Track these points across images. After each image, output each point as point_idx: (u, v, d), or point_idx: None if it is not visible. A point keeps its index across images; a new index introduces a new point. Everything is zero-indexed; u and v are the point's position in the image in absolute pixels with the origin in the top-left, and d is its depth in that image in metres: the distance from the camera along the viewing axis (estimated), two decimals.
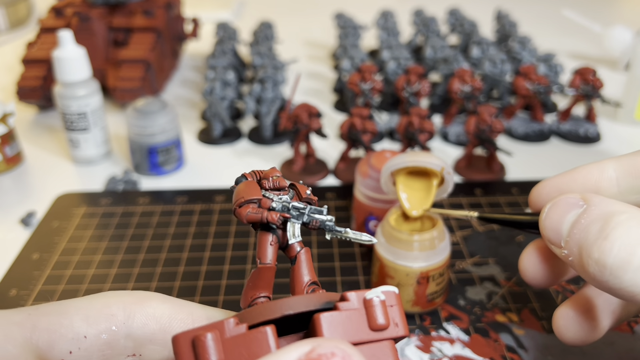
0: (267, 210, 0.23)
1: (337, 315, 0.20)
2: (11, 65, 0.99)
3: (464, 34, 0.95)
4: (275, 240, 0.23)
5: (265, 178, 0.24)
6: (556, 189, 0.32)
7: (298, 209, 0.23)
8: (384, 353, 0.20)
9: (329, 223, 0.24)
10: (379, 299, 0.20)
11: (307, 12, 1.29)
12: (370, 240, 0.24)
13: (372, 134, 0.61)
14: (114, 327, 0.23)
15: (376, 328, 0.20)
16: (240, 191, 0.23)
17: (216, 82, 0.73)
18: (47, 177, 0.67)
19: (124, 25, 0.83)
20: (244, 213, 0.22)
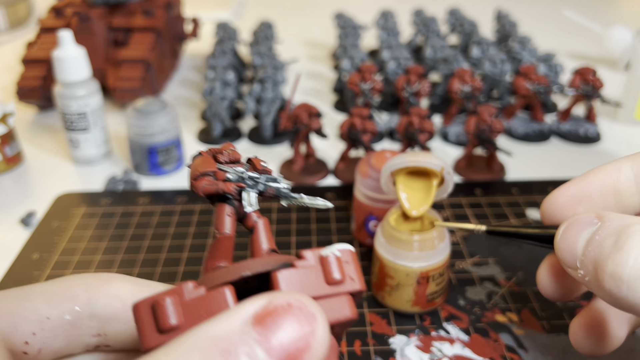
0: (222, 181, 0.23)
1: (294, 272, 0.20)
2: (11, 65, 0.99)
3: (464, 34, 0.95)
4: (232, 211, 0.23)
5: (220, 152, 0.24)
6: (573, 197, 0.31)
7: (253, 178, 0.24)
8: (341, 306, 0.21)
9: (284, 190, 0.24)
10: (334, 255, 0.21)
11: (307, 12, 1.29)
12: (325, 204, 0.25)
13: (372, 134, 0.61)
14: (77, 307, 0.23)
15: (332, 282, 0.21)
16: (195, 165, 0.24)
17: (216, 82, 0.73)
18: (47, 177, 0.67)
19: (124, 25, 0.83)
20: (200, 186, 0.23)
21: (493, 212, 0.58)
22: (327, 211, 0.59)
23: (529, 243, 0.32)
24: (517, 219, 0.57)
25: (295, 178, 0.64)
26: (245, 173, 0.24)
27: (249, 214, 0.24)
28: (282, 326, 0.17)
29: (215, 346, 0.16)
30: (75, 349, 0.24)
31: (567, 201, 0.31)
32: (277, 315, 0.17)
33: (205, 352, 0.16)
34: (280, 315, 0.17)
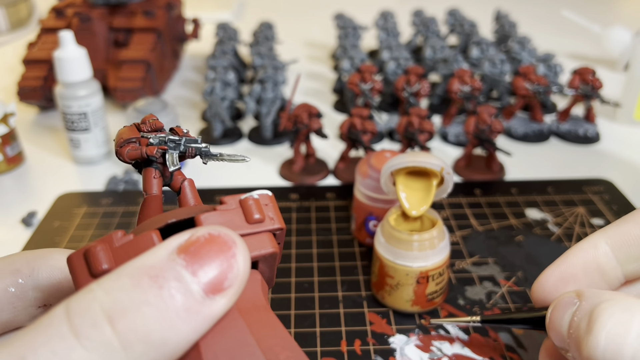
0: (145, 146, 0.25)
1: (216, 214, 0.22)
2: (12, 66, 0.99)
3: (463, 35, 0.95)
4: (158, 174, 0.25)
5: (143, 122, 0.25)
6: (559, 279, 0.32)
7: (174, 140, 0.25)
8: (263, 242, 0.22)
9: (204, 149, 0.26)
10: (252, 198, 0.23)
11: (307, 13, 1.29)
12: (243, 159, 0.26)
13: (372, 134, 0.61)
14: (20, 280, 0.24)
15: (253, 222, 0.22)
16: (119, 135, 0.25)
17: (216, 83, 0.73)
18: (47, 177, 0.67)
19: (124, 25, 0.83)
20: (124, 152, 0.24)
21: (492, 212, 0.58)
22: (327, 211, 0.59)
23: (524, 328, 0.33)
24: (517, 219, 0.57)
25: (296, 178, 0.65)
26: (167, 137, 0.25)
27: (175, 177, 0.26)
28: (205, 252, 0.18)
29: (145, 272, 0.18)
30: (22, 321, 0.25)
31: (554, 283, 0.32)
32: (199, 244, 0.18)
33: (135, 278, 0.17)
34: (202, 244, 0.18)
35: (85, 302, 0.17)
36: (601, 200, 0.60)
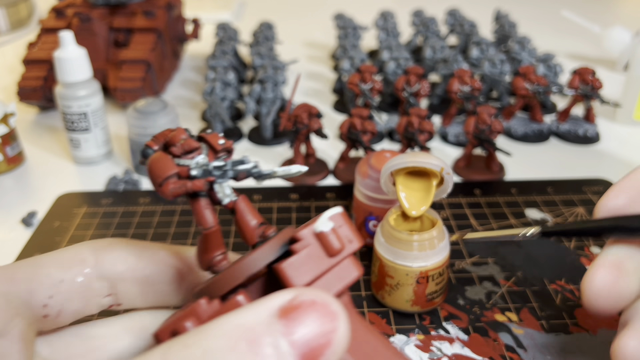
0: (188, 179, 0.22)
1: (296, 259, 0.21)
2: (12, 66, 0.99)
3: (463, 35, 0.95)
4: (207, 202, 0.23)
5: (172, 144, 0.23)
6: (626, 197, 0.31)
7: (219, 167, 0.22)
8: (348, 270, 0.21)
9: (255, 170, 0.23)
10: (328, 227, 0.21)
11: (307, 13, 1.30)
12: (299, 170, 0.24)
13: (372, 134, 0.61)
14: (87, 270, 0.25)
15: (334, 253, 0.21)
16: (154, 169, 0.22)
17: (216, 83, 0.73)
18: (48, 177, 0.67)
19: (124, 25, 0.83)
20: (167, 191, 0.22)
21: (492, 212, 0.58)
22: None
23: (585, 238, 0.32)
24: (516, 219, 0.57)
25: (295, 178, 0.65)
26: (209, 164, 0.22)
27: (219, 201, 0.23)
28: (306, 321, 0.17)
29: (242, 334, 0.17)
30: (91, 310, 0.26)
31: (621, 201, 0.31)
32: (301, 311, 0.17)
33: (232, 340, 0.17)
34: (305, 311, 0.17)
35: (182, 357, 0.17)
36: None
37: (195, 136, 0.23)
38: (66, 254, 0.25)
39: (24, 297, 0.23)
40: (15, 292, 0.23)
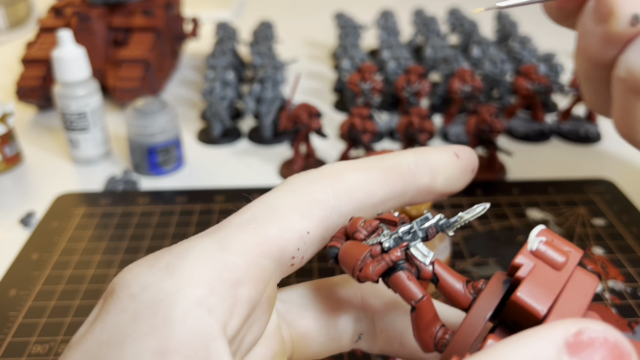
0: (384, 254, 0.21)
1: (528, 284, 0.19)
2: (11, 65, 0.99)
3: (464, 34, 0.95)
4: (408, 274, 0.21)
5: (355, 231, 0.22)
6: None
7: (408, 231, 0.22)
8: (584, 282, 0.20)
9: (442, 221, 0.22)
10: (542, 242, 0.20)
11: (307, 12, 1.29)
12: (484, 207, 0.23)
13: (372, 134, 0.61)
14: (327, 213, 0.23)
15: (561, 267, 0.20)
16: (348, 258, 0.21)
17: (216, 82, 0.73)
18: (46, 177, 0.67)
19: (123, 25, 0.83)
20: (369, 273, 0.21)
21: (493, 212, 0.58)
22: None
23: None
24: (518, 219, 0.56)
25: None
26: (397, 231, 0.21)
27: (421, 267, 0.22)
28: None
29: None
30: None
31: None
32: (593, 349, 0.16)
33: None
34: (597, 350, 0.16)
35: None
36: (602, 201, 0.59)
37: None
38: (302, 198, 0.23)
39: (276, 255, 0.21)
40: (269, 251, 0.21)
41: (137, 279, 0.19)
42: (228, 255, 0.20)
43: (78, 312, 0.47)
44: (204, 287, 0.19)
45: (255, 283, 0.20)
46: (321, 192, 0.23)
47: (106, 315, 0.19)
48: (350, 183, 0.24)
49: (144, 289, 0.19)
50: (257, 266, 0.21)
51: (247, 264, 0.20)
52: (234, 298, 0.19)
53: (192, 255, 0.20)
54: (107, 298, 0.19)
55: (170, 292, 0.18)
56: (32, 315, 0.46)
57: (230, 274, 0.19)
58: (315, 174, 0.24)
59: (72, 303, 0.48)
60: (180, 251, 0.20)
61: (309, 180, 0.24)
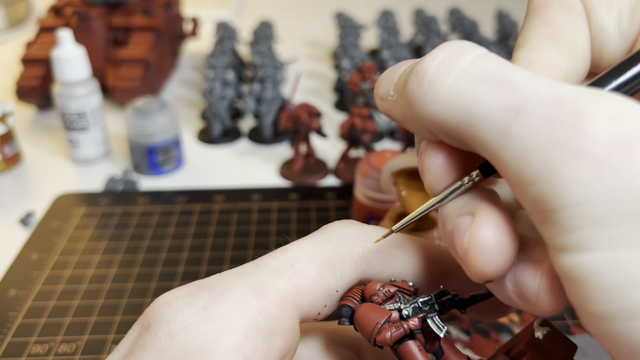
0: (402, 321, 0.22)
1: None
2: (10, 65, 0.99)
3: (464, 34, 0.95)
4: (419, 344, 0.22)
5: (373, 294, 0.22)
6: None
7: (426, 302, 0.22)
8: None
9: (457, 297, 0.23)
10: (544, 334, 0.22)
11: (307, 12, 1.29)
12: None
13: (373, 134, 0.61)
14: (356, 275, 0.23)
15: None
16: (367, 320, 0.22)
17: (216, 82, 0.73)
18: (46, 177, 0.67)
19: (123, 24, 0.83)
20: (386, 337, 0.21)
21: None
22: (327, 211, 0.58)
23: None
24: None
25: (296, 178, 0.64)
26: (417, 301, 0.22)
27: (430, 339, 0.22)
28: None
29: None
30: None
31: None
32: None
33: None
34: None
35: None
36: None
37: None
38: (338, 253, 0.22)
39: (306, 309, 0.21)
40: (300, 304, 0.21)
41: (175, 317, 0.19)
42: (264, 303, 0.20)
43: (78, 312, 0.47)
44: (241, 334, 0.19)
45: (286, 334, 0.20)
46: (358, 253, 0.23)
47: (142, 351, 0.19)
48: (389, 257, 0.23)
49: (182, 330, 0.19)
50: (289, 317, 0.21)
51: (280, 314, 0.20)
52: (267, 348, 0.19)
53: (230, 299, 0.20)
54: (143, 332, 0.19)
55: (209, 337, 0.19)
56: (32, 315, 0.46)
57: (266, 323, 0.20)
58: (359, 230, 0.23)
59: (72, 303, 0.48)
60: (217, 293, 0.20)
61: (351, 235, 0.23)
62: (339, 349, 0.25)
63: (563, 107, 0.15)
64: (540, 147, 0.15)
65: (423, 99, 0.18)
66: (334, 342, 0.25)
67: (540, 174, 0.15)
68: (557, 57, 0.19)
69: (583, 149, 0.15)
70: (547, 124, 0.15)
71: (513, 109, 0.16)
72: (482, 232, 0.18)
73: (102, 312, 0.47)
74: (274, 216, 0.58)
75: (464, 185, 0.19)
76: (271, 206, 0.59)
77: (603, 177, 0.14)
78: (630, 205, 0.14)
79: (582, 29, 0.20)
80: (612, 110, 0.15)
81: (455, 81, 0.17)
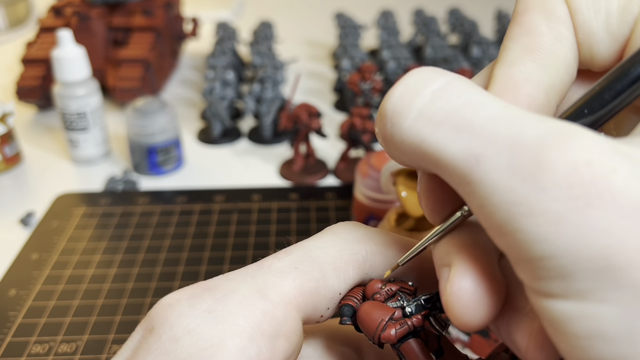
0: (406, 318, 0.22)
1: None
2: (10, 65, 0.99)
3: (464, 34, 0.95)
4: (421, 342, 0.22)
5: (375, 293, 0.22)
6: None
7: (429, 300, 0.22)
8: None
9: None
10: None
11: (307, 12, 1.29)
12: None
13: (372, 134, 0.61)
14: (359, 278, 0.22)
15: None
16: (371, 317, 0.22)
17: (216, 82, 0.73)
18: (46, 177, 0.67)
19: (123, 24, 0.83)
20: (390, 335, 0.21)
21: None
22: (327, 211, 0.59)
23: None
24: None
25: (295, 178, 0.64)
26: (419, 298, 0.22)
27: (430, 337, 0.22)
28: None
29: None
30: None
31: None
32: None
33: None
34: None
35: None
36: None
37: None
38: (342, 255, 0.22)
39: (309, 311, 0.21)
40: (303, 306, 0.21)
41: (179, 320, 0.19)
42: (268, 306, 0.20)
43: (78, 312, 0.47)
44: (245, 338, 0.19)
45: (290, 336, 0.20)
46: (362, 255, 0.23)
47: (147, 355, 0.19)
48: (392, 261, 0.23)
49: (187, 334, 0.19)
50: (293, 319, 0.21)
51: (284, 316, 0.20)
52: (272, 351, 0.19)
53: (234, 302, 0.20)
54: (147, 335, 0.19)
55: (213, 341, 0.19)
56: (32, 315, 0.46)
57: (270, 326, 0.20)
58: (362, 232, 0.23)
59: (72, 303, 0.48)
60: (221, 295, 0.20)
61: (355, 238, 0.23)
62: (340, 347, 0.25)
63: (523, 155, 0.15)
64: (501, 200, 0.15)
65: (390, 140, 0.18)
66: (335, 341, 0.25)
67: (504, 227, 0.15)
68: (536, 71, 0.19)
69: (542, 206, 0.14)
70: (506, 176, 0.15)
71: (473, 156, 0.16)
72: (457, 285, 0.18)
73: (102, 312, 0.47)
74: (273, 216, 0.58)
75: (457, 219, 0.19)
76: (271, 206, 0.59)
77: (563, 233, 0.14)
78: (593, 260, 0.14)
79: (564, 36, 0.19)
80: (574, 158, 0.14)
81: (414, 122, 0.17)
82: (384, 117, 0.18)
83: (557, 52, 0.19)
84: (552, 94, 0.19)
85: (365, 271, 0.23)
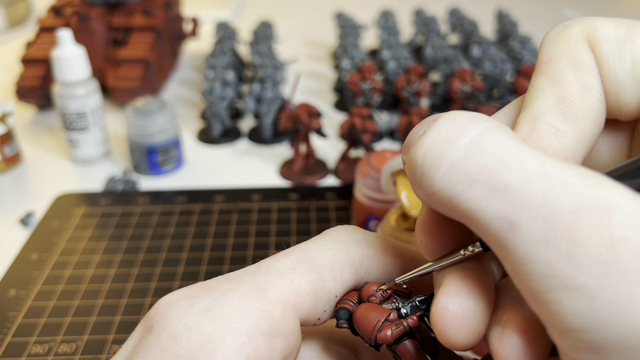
0: (401, 319, 0.22)
1: None
2: (10, 65, 0.99)
3: (464, 34, 0.95)
4: (416, 343, 0.22)
5: (370, 295, 0.23)
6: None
7: (423, 301, 0.22)
8: None
9: None
10: None
11: (307, 12, 1.29)
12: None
13: (372, 134, 0.61)
14: (354, 282, 0.23)
15: None
16: (366, 318, 0.22)
17: (216, 82, 0.73)
18: (46, 177, 0.67)
19: (123, 24, 0.83)
20: (387, 336, 0.21)
21: None
22: (327, 211, 0.58)
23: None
24: None
25: (295, 178, 0.64)
26: (414, 300, 0.22)
27: (426, 338, 0.23)
28: None
29: None
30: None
31: None
32: None
33: None
34: None
35: None
36: None
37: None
38: (339, 258, 0.22)
39: (306, 313, 0.21)
40: (300, 307, 0.21)
41: (178, 318, 0.19)
42: (266, 305, 0.20)
43: (77, 312, 0.47)
44: (244, 335, 0.19)
45: (288, 336, 0.20)
46: (358, 259, 0.23)
47: (146, 352, 0.19)
48: (387, 266, 0.23)
49: (186, 331, 0.19)
50: (291, 319, 0.21)
51: (282, 316, 0.20)
52: (270, 349, 0.20)
53: (232, 300, 0.20)
54: (147, 334, 0.20)
55: (212, 337, 0.19)
56: (32, 315, 0.46)
57: (268, 325, 0.20)
58: (360, 236, 0.23)
59: (72, 303, 0.48)
60: (219, 294, 0.20)
61: (352, 241, 0.23)
62: (337, 348, 0.25)
63: (557, 227, 0.15)
64: (535, 270, 0.15)
65: (420, 189, 0.17)
66: (333, 342, 0.25)
67: (538, 295, 0.15)
68: (562, 123, 0.18)
69: (576, 281, 0.14)
70: (541, 247, 0.15)
71: (507, 222, 0.15)
72: (442, 304, 0.18)
73: (102, 312, 0.47)
74: (273, 216, 0.58)
75: (463, 256, 0.19)
76: (271, 206, 0.59)
77: (597, 309, 0.14)
78: (626, 337, 0.14)
79: (592, 85, 0.18)
80: (610, 235, 0.14)
81: (446, 176, 0.16)
82: (415, 166, 0.17)
83: (586, 102, 0.18)
84: (580, 147, 0.18)
85: (360, 275, 0.23)
